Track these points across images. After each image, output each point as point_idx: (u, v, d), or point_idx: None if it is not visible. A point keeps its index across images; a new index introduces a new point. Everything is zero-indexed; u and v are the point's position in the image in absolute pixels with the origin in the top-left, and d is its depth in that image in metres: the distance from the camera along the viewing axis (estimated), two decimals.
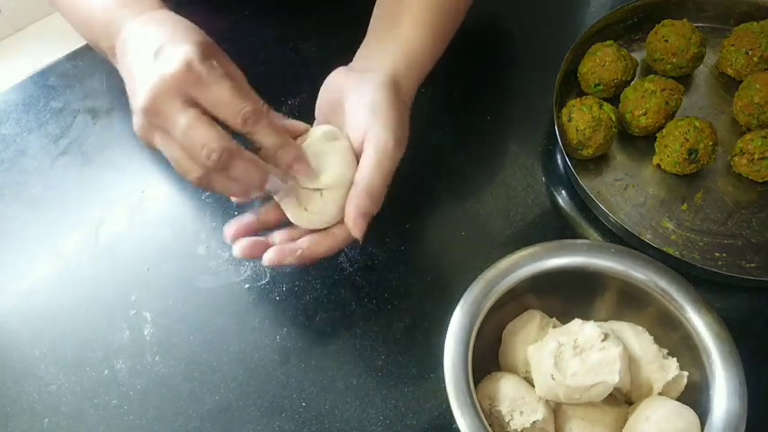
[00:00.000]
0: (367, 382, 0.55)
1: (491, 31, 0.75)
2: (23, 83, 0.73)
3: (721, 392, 0.46)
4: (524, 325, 0.53)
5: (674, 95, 0.64)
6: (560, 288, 0.53)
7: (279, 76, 0.72)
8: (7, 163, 0.68)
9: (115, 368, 0.56)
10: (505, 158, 0.66)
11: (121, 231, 0.63)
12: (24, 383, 0.56)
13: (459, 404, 0.45)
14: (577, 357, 0.47)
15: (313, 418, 0.54)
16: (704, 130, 0.61)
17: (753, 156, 0.62)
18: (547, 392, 0.48)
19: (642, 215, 0.63)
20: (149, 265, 0.61)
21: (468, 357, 0.47)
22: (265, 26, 0.76)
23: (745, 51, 0.67)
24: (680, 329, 0.50)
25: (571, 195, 0.64)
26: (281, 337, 0.57)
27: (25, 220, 0.65)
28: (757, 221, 0.62)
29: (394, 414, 0.54)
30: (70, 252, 0.63)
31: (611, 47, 0.66)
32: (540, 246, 0.52)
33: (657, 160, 0.64)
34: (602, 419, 0.50)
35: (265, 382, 0.55)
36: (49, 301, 0.60)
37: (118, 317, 0.59)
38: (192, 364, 0.56)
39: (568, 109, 0.63)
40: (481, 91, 0.72)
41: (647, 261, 0.51)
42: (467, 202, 0.64)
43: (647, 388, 0.50)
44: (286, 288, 0.60)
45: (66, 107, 0.71)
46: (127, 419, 0.54)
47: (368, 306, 0.58)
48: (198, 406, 0.55)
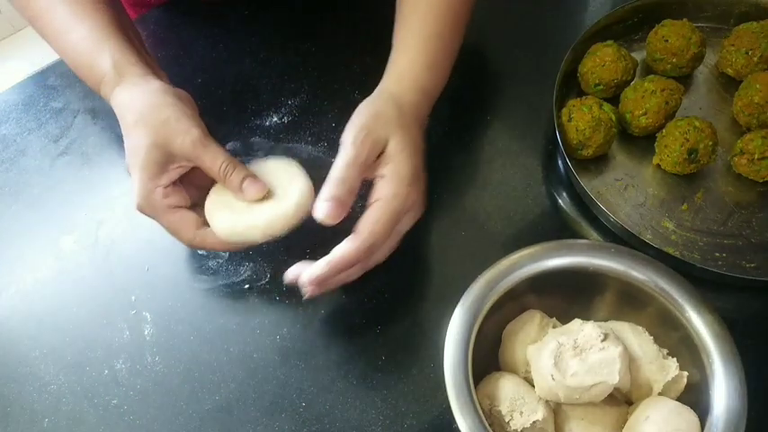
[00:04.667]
0: (367, 382, 0.55)
1: (491, 32, 0.75)
2: (23, 83, 0.73)
3: (721, 392, 0.46)
4: (524, 325, 0.53)
5: (674, 95, 0.64)
6: (560, 288, 0.53)
7: (279, 76, 0.72)
8: (7, 163, 0.68)
9: (115, 368, 0.56)
10: (505, 158, 0.66)
11: (121, 231, 0.63)
12: (24, 383, 0.56)
13: (459, 404, 0.45)
14: (577, 357, 0.47)
15: (313, 418, 0.54)
16: (704, 130, 0.61)
17: (753, 156, 0.62)
18: (547, 392, 0.48)
19: (642, 215, 0.63)
20: (149, 265, 0.61)
21: (468, 357, 0.47)
22: (265, 26, 0.76)
23: (745, 51, 0.67)
24: (680, 329, 0.50)
25: (571, 195, 0.64)
26: (280, 337, 0.57)
27: (25, 220, 0.65)
28: (757, 221, 0.62)
29: (394, 414, 0.54)
30: (70, 252, 0.63)
31: (611, 47, 0.66)
32: (540, 246, 0.52)
33: (657, 160, 0.64)
34: (602, 419, 0.50)
35: (265, 382, 0.55)
36: (49, 301, 0.60)
37: (118, 317, 0.59)
38: (191, 364, 0.56)
39: (568, 109, 0.63)
40: (481, 91, 0.72)
41: (647, 261, 0.51)
42: (467, 202, 0.64)
43: (647, 388, 0.50)
44: (286, 288, 0.59)
45: (66, 107, 0.71)
46: (127, 419, 0.54)
47: (368, 306, 0.58)
48: (198, 406, 0.55)
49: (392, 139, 0.52)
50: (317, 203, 0.50)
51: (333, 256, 0.50)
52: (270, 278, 0.60)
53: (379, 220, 0.50)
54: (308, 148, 0.67)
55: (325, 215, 0.50)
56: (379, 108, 0.54)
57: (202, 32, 0.76)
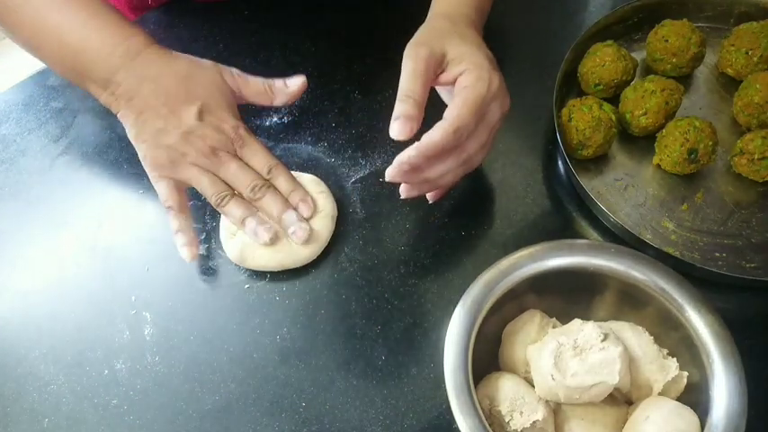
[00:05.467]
0: (367, 382, 0.55)
1: (491, 32, 0.75)
2: (23, 83, 0.73)
3: (721, 392, 0.46)
4: (524, 325, 0.53)
5: (674, 95, 0.64)
6: (560, 288, 0.53)
7: (279, 76, 0.72)
8: (7, 163, 0.68)
9: (115, 368, 0.56)
10: (505, 158, 0.66)
11: (121, 231, 0.63)
12: (24, 383, 0.56)
13: (459, 404, 0.45)
14: (577, 357, 0.47)
15: (313, 418, 0.54)
16: (704, 130, 0.61)
17: (753, 156, 0.62)
18: (547, 392, 0.48)
19: (642, 215, 0.63)
20: (149, 265, 0.61)
21: (468, 357, 0.47)
22: (265, 26, 0.76)
23: (745, 51, 0.67)
24: (680, 329, 0.50)
25: (571, 195, 0.64)
26: (280, 338, 0.57)
27: (25, 220, 0.65)
28: (757, 221, 0.62)
29: (394, 414, 0.54)
30: (70, 252, 0.63)
31: (611, 47, 0.66)
32: (540, 246, 0.52)
33: (657, 160, 0.64)
34: (602, 419, 0.50)
35: (265, 382, 0.55)
36: (49, 301, 0.60)
37: (118, 317, 0.59)
38: (191, 364, 0.56)
39: (568, 109, 0.63)
40: None
41: (647, 261, 0.51)
42: (467, 202, 0.64)
43: (647, 388, 0.50)
44: (286, 288, 0.60)
45: (66, 107, 0.71)
46: (127, 419, 0.54)
47: (368, 306, 0.58)
48: (198, 406, 0.55)
49: (450, 45, 0.53)
50: (391, 125, 0.51)
51: (421, 142, 0.51)
52: (270, 278, 0.60)
53: (465, 103, 0.50)
54: (308, 148, 0.67)
55: (397, 134, 0.50)
56: (432, 25, 0.55)
57: (202, 32, 0.76)
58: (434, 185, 0.57)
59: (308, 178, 0.63)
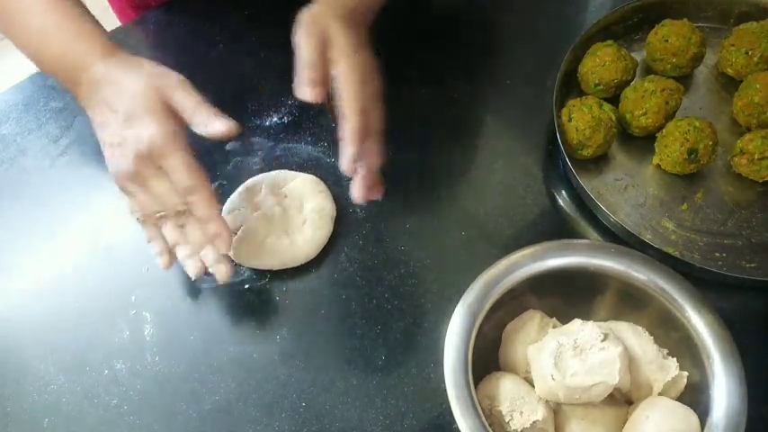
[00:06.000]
0: (367, 382, 0.55)
1: (491, 32, 0.76)
2: (23, 83, 0.73)
3: (721, 392, 0.46)
4: (524, 325, 0.53)
5: (674, 95, 0.64)
6: (560, 288, 0.53)
7: (279, 76, 0.72)
8: (7, 163, 0.68)
9: (115, 368, 0.56)
10: (505, 158, 0.66)
11: (121, 231, 0.63)
12: (24, 383, 0.56)
13: (459, 404, 0.46)
14: (577, 357, 0.47)
15: (313, 418, 0.54)
16: (704, 130, 0.61)
17: (753, 156, 0.62)
18: (547, 392, 0.48)
19: (642, 215, 0.63)
20: (149, 265, 0.61)
21: (468, 357, 0.47)
22: (265, 26, 0.76)
23: (745, 51, 0.67)
24: (680, 329, 0.50)
25: (571, 195, 0.64)
26: (280, 338, 0.57)
27: (25, 220, 0.65)
28: (757, 221, 0.62)
29: (394, 414, 0.54)
30: (70, 252, 0.63)
31: (611, 47, 0.66)
32: (540, 246, 0.52)
33: (657, 160, 0.64)
34: (602, 419, 0.50)
35: (265, 382, 0.55)
36: (50, 301, 0.60)
37: (118, 317, 0.59)
38: (191, 364, 0.56)
39: (568, 109, 0.63)
40: (481, 91, 0.72)
41: (647, 261, 0.51)
42: (467, 202, 0.64)
43: (647, 388, 0.50)
44: (286, 288, 0.60)
45: (66, 107, 0.71)
46: (127, 419, 0.54)
47: (368, 306, 0.58)
48: (198, 406, 0.55)
49: (331, 28, 0.54)
50: (299, 89, 0.52)
51: (344, 136, 0.52)
52: (270, 278, 0.60)
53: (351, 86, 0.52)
54: (308, 148, 0.67)
55: (307, 97, 0.52)
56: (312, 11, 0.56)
57: (202, 32, 0.76)
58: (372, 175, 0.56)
59: (308, 178, 0.63)
